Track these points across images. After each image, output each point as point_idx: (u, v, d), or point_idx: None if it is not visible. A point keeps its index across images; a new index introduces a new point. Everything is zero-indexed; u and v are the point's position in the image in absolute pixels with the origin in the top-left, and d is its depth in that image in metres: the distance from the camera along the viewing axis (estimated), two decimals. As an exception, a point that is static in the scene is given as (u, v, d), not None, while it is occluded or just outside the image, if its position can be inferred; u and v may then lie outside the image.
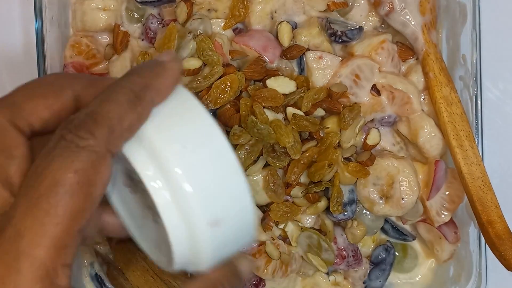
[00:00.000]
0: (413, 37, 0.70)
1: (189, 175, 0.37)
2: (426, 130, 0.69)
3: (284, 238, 0.70)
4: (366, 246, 0.73)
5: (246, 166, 0.65)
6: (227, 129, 0.64)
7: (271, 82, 0.66)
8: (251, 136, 0.63)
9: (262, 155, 0.65)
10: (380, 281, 0.73)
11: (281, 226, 0.69)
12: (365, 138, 0.70)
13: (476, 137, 0.69)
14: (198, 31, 0.66)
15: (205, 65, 0.66)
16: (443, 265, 0.74)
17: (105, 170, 0.37)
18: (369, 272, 0.73)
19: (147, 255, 0.43)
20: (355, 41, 0.71)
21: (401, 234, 0.73)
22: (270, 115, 0.65)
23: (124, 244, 0.64)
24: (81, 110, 0.38)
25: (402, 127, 0.71)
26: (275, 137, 0.63)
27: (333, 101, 0.67)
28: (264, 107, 0.64)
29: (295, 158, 0.65)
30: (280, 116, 0.66)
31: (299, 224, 0.69)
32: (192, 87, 0.64)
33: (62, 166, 0.35)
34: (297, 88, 0.66)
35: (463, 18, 0.71)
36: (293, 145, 0.64)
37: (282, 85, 0.66)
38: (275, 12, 0.70)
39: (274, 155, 0.65)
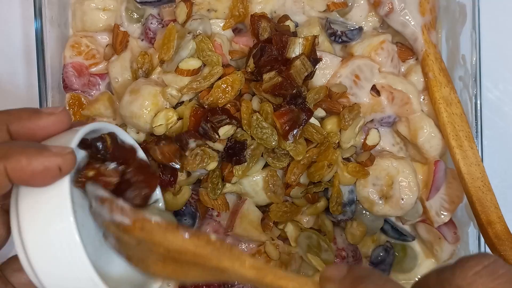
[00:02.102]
0: (412, 37, 0.70)
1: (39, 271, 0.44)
2: (425, 131, 0.69)
3: (284, 238, 0.70)
4: (366, 247, 0.73)
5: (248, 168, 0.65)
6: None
7: (271, 83, 0.66)
8: (252, 138, 0.63)
9: (262, 156, 0.65)
10: (379, 281, 0.73)
11: (281, 227, 0.69)
12: (365, 139, 0.70)
13: (476, 138, 0.69)
14: (197, 31, 0.66)
15: (204, 65, 0.65)
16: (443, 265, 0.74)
17: None
18: (369, 272, 0.73)
19: None
20: (355, 41, 0.71)
21: (400, 234, 0.73)
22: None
23: None
24: None
25: (402, 127, 0.71)
26: (277, 140, 0.63)
27: (333, 101, 0.67)
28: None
29: (298, 159, 0.65)
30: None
31: (299, 224, 0.69)
32: (192, 87, 0.64)
33: None
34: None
35: (463, 19, 0.71)
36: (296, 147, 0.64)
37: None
38: (275, 12, 0.70)
39: (274, 155, 0.65)
